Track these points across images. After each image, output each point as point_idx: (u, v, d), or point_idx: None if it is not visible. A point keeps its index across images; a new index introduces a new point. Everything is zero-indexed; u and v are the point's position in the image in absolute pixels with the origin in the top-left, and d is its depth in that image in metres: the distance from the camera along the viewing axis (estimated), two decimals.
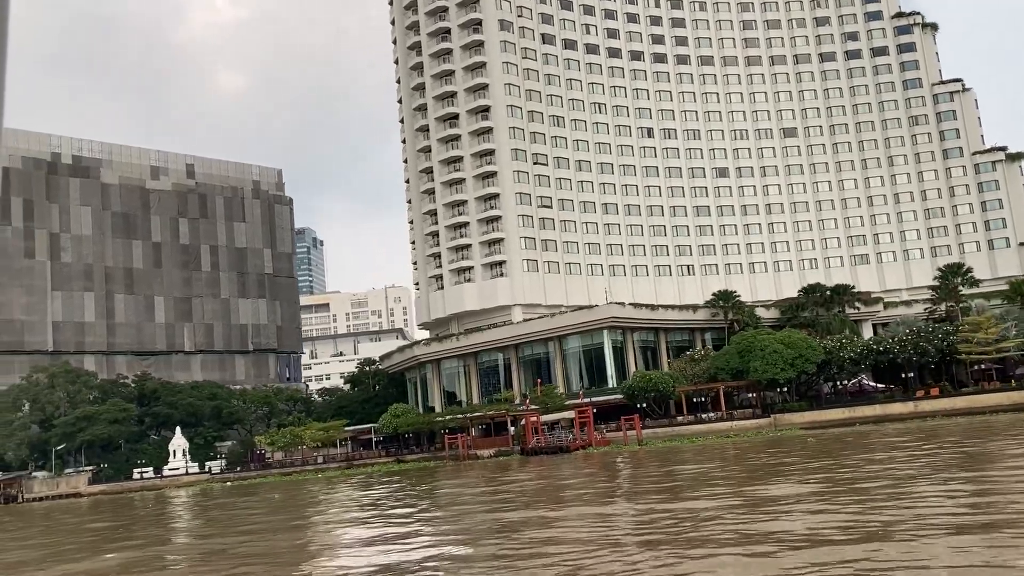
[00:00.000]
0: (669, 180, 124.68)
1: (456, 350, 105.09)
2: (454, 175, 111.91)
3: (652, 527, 23.09)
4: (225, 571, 22.91)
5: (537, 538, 23.34)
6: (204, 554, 28.28)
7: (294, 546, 28.01)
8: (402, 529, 29.16)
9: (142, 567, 25.89)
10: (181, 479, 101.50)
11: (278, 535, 31.70)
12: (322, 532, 33.01)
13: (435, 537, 26.36)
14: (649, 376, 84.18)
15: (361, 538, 27.99)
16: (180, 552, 30.52)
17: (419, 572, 19.76)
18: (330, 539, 29.92)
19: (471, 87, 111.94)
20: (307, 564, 23.46)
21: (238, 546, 28.94)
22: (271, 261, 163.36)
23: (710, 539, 19.95)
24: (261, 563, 24.21)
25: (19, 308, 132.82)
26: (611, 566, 17.72)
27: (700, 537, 20.38)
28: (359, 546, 25.95)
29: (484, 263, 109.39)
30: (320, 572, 21.78)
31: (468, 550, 22.54)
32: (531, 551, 21.02)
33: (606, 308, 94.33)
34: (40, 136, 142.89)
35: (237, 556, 26.00)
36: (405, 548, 23.95)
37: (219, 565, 24.41)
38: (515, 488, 44.64)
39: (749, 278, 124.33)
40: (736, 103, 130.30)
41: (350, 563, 22.73)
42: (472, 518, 30.79)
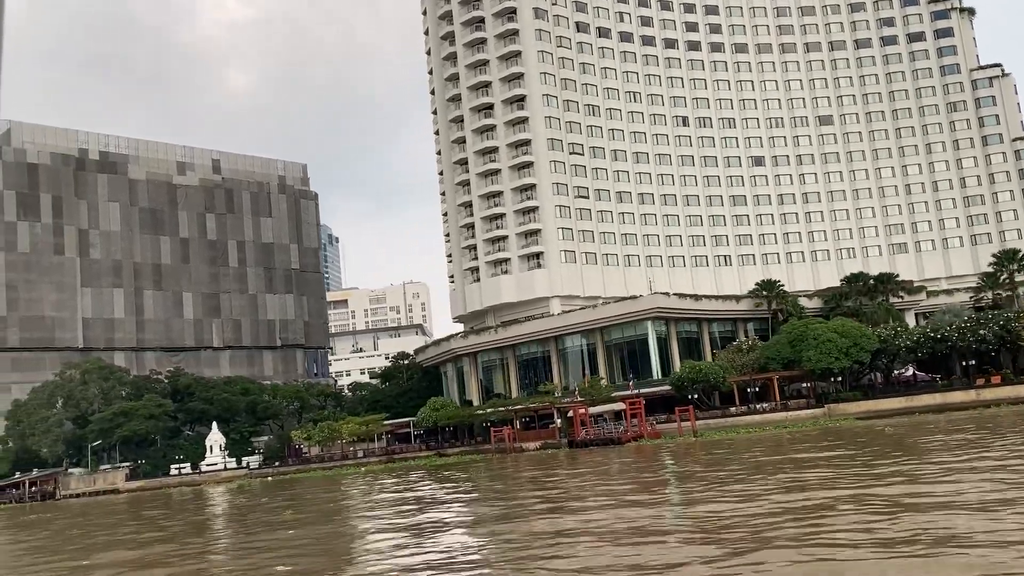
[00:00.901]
0: (705, 169, 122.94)
1: (494, 343, 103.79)
2: (490, 165, 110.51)
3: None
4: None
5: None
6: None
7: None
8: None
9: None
10: (220, 474, 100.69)
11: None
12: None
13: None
14: (699, 367, 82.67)
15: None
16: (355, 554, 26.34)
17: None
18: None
19: (506, 76, 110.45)
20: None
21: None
22: (297, 256, 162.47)
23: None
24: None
25: (49, 305, 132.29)
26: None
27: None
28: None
29: (521, 254, 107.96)
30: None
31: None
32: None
33: (651, 298, 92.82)
34: (68, 132, 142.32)
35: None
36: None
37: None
38: (639, 481, 41.46)
39: (786, 268, 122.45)
40: (771, 91, 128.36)
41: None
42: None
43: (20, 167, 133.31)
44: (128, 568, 26.55)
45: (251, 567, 23.81)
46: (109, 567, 27.27)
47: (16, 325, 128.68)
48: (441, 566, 20.67)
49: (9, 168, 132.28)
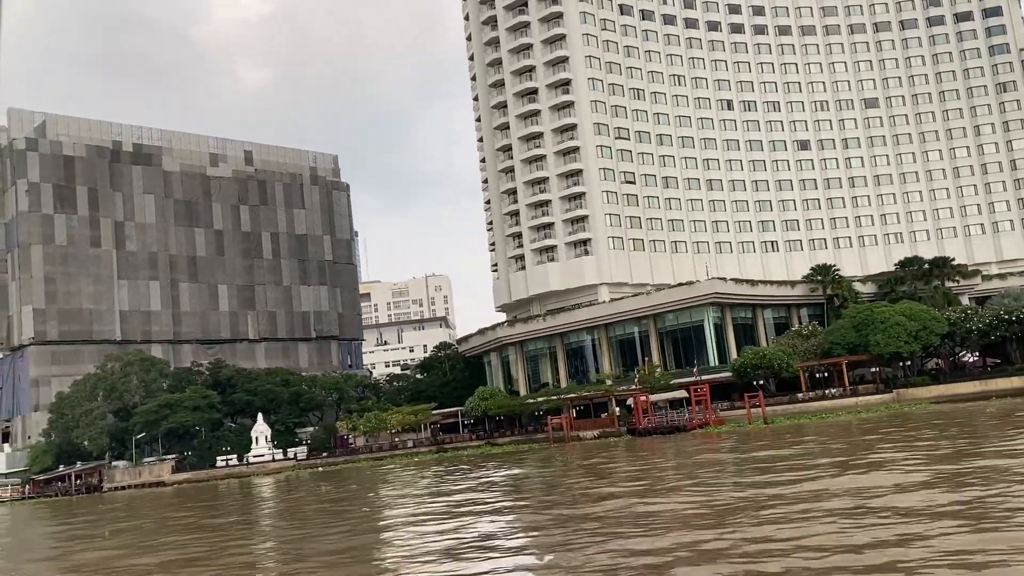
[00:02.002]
0: (750, 154, 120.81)
1: (542, 331, 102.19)
2: (534, 151, 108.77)
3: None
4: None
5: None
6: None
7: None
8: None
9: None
10: (268, 465, 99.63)
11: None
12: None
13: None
14: (762, 352, 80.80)
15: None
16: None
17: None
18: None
19: (550, 60, 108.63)
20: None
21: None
22: (330, 248, 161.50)
23: None
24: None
25: (87, 297, 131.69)
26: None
27: None
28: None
29: (568, 241, 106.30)
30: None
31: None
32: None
33: (708, 284, 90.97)
34: (101, 124, 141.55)
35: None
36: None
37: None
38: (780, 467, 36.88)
39: (833, 253, 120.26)
40: (815, 74, 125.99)
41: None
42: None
43: (56, 159, 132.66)
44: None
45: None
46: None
47: (55, 318, 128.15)
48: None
49: (46, 160, 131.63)
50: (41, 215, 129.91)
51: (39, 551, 35.34)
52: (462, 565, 19.59)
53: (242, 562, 24.65)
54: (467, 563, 19.81)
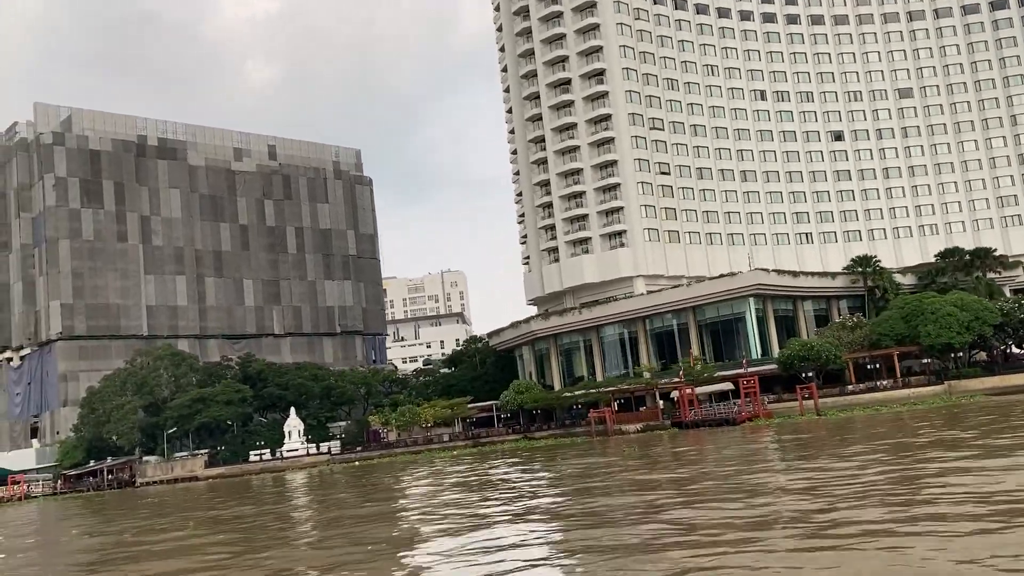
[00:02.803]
0: (784, 145, 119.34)
1: (578, 324, 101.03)
2: (568, 143, 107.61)
3: None
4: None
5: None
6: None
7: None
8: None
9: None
10: (302, 460, 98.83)
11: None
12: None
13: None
14: (810, 344, 79.44)
15: None
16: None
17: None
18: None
19: (584, 50, 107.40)
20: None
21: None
22: (354, 242, 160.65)
23: None
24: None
25: (114, 292, 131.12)
26: None
27: None
28: None
29: (603, 233, 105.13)
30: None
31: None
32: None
33: (751, 275, 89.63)
34: (126, 119, 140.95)
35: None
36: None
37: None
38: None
39: (868, 245, 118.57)
40: (848, 64, 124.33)
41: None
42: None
43: (83, 154, 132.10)
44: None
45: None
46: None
47: (83, 313, 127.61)
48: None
49: (72, 155, 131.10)
50: (68, 210, 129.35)
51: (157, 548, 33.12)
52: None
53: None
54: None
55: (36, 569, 27.15)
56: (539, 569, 17.68)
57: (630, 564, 17.04)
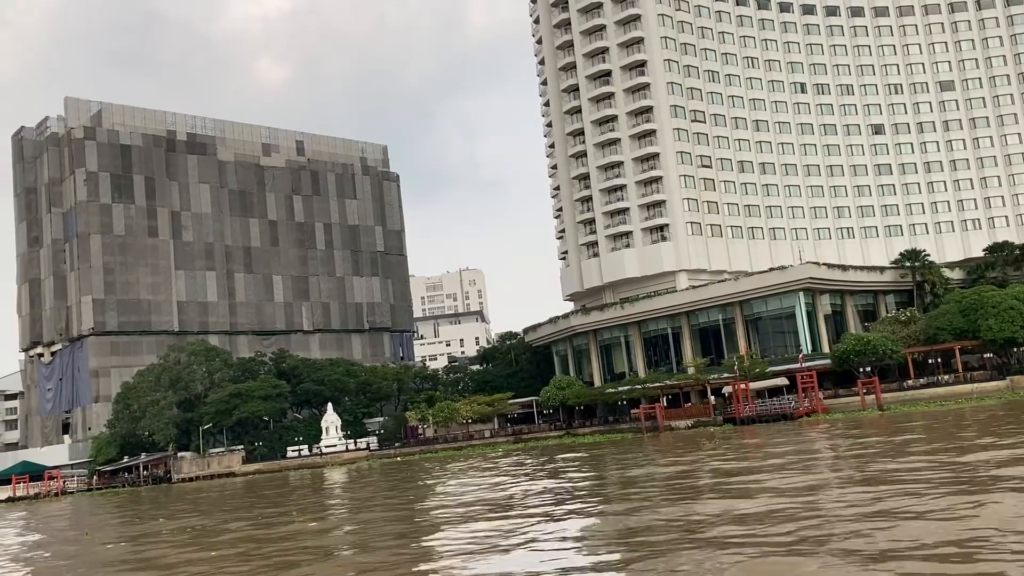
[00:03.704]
0: (824, 138, 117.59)
1: (619, 319, 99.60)
2: (608, 135, 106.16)
3: None
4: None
5: None
6: None
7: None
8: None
9: None
10: (341, 456, 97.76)
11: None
12: None
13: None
14: (866, 339, 77.82)
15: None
16: None
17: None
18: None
19: (624, 41, 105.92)
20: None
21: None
22: (382, 238, 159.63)
23: None
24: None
25: (145, 288, 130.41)
26: None
27: None
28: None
29: (644, 227, 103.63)
30: None
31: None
32: None
33: (803, 268, 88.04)
34: (155, 113, 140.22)
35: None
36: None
37: None
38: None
39: (909, 240, 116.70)
40: (889, 56, 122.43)
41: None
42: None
43: (113, 148, 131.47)
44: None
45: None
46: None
47: (114, 309, 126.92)
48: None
49: (103, 150, 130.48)
50: (99, 204, 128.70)
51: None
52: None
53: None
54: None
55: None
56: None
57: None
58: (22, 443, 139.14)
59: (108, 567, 25.60)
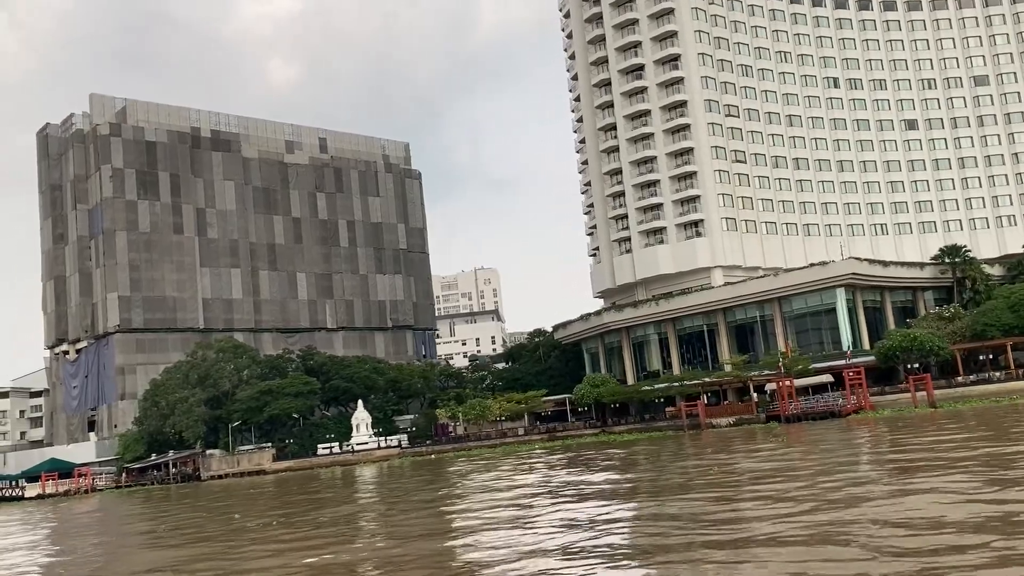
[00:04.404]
0: (857, 133, 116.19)
1: (653, 316, 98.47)
2: (641, 130, 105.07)
3: None
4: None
5: None
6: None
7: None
8: None
9: None
10: (373, 453, 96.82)
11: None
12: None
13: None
14: (912, 335, 76.51)
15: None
16: None
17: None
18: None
19: (658, 35, 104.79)
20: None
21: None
22: (404, 236, 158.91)
23: None
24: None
25: (171, 285, 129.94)
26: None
27: None
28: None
29: (678, 223, 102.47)
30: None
31: None
32: None
33: (845, 264, 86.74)
34: (179, 110, 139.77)
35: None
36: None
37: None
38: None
39: (943, 236, 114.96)
40: (922, 50, 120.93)
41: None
42: None
43: (139, 145, 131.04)
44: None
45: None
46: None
47: (140, 306, 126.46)
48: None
49: (128, 146, 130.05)
50: (125, 201, 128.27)
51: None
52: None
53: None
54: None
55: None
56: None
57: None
58: (47, 440, 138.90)
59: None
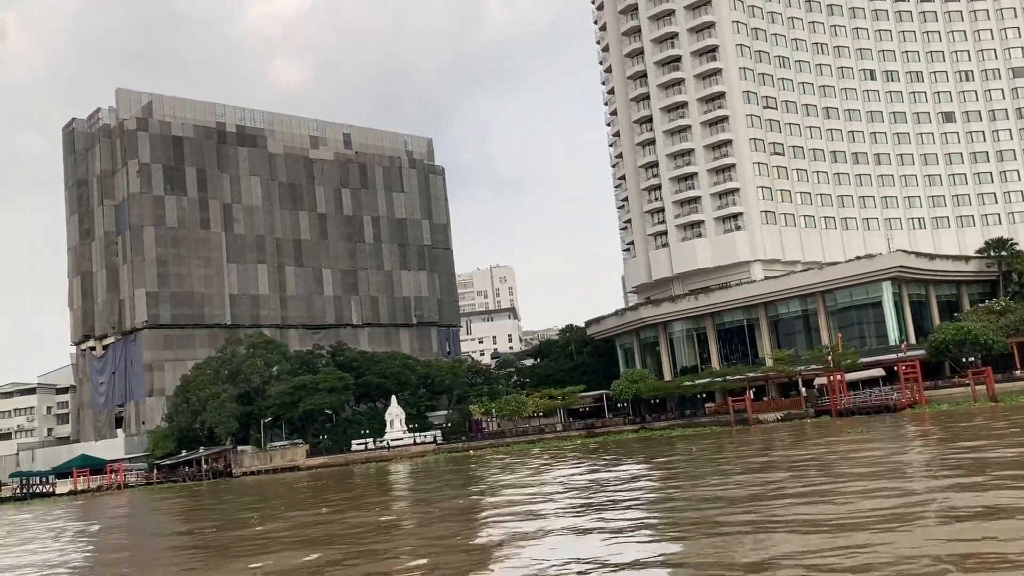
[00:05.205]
0: (894, 126, 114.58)
1: (692, 311, 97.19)
2: (678, 122, 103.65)
3: None
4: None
5: None
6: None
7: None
8: None
9: None
10: (409, 449, 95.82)
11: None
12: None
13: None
14: (966, 328, 74.96)
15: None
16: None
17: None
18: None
19: (695, 26, 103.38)
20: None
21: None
22: (428, 232, 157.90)
23: None
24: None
25: (198, 281, 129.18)
26: None
27: None
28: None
29: (717, 216, 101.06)
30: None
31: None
32: None
33: (892, 257, 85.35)
34: (205, 105, 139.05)
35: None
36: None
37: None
38: None
39: (982, 231, 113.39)
40: (960, 42, 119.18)
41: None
42: None
43: (165, 140, 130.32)
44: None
45: None
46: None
47: (167, 302, 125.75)
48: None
49: (155, 141, 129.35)
50: (152, 196, 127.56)
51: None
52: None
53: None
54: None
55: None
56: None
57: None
58: (73, 437, 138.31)
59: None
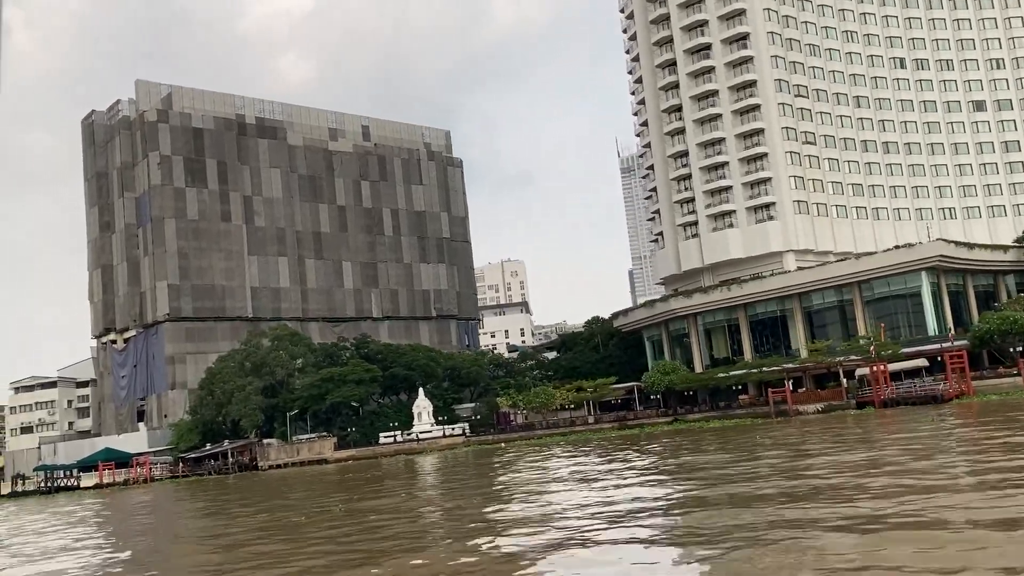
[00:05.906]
0: (924, 115, 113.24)
1: (724, 302, 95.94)
2: (708, 111, 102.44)
3: None
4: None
5: None
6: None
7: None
8: None
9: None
10: (439, 441, 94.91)
11: None
12: None
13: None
14: (1013, 317, 73.80)
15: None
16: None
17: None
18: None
19: (725, 14, 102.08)
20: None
21: None
22: (447, 225, 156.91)
23: None
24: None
25: (219, 273, 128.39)
26: None
27: None
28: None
29: (748, 206, 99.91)
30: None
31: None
32: None
33: (932, 246, 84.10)
34: (224, 97, 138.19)
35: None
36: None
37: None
38: None
39: (1014, 221, 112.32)
40: (990, 29, 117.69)
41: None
42: None
43: (186, 132, 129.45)
44: None
45: None
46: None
47: (189, 294, 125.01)
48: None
49: (176, 133, 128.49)
50: (173, 188, 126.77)
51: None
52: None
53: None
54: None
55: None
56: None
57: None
58: (95, 431, 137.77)
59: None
